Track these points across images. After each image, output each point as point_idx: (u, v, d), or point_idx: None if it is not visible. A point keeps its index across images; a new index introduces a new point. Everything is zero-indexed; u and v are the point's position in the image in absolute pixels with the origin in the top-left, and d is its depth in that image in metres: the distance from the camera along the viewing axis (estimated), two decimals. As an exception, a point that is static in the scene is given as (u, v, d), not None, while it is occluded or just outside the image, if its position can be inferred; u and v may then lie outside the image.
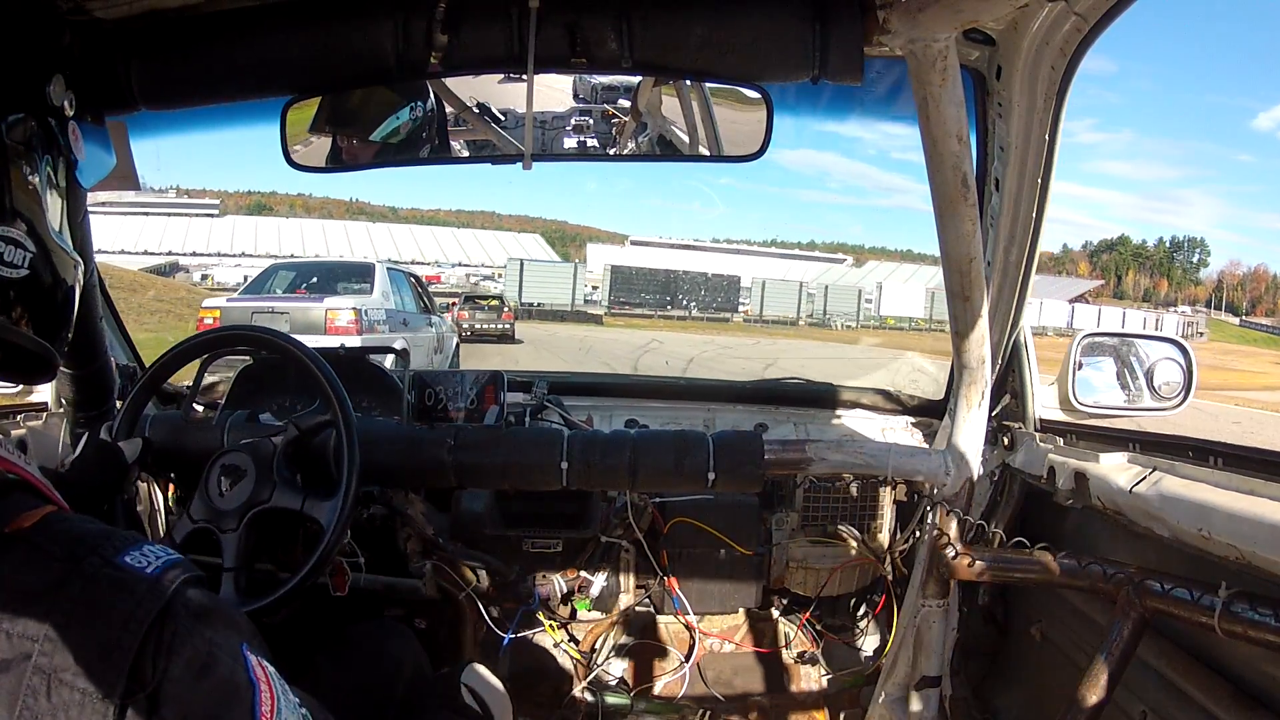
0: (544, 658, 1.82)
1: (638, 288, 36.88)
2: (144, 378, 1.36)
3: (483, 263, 58.12)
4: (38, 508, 0.57)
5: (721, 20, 0.99)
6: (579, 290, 35.14)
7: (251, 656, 0.59)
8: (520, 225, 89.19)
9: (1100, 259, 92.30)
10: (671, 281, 37.63)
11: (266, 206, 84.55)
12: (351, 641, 1.21)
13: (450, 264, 58.46)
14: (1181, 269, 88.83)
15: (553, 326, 27.67)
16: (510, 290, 32.87)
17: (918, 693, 1.63)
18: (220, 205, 71.77)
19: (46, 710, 0.51)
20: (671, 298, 36.57)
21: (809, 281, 43.61)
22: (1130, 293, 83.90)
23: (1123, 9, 1.05)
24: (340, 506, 1.22)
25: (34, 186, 0.65)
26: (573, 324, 29.67)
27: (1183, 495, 1.08)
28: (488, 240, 70.91)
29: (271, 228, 66.66)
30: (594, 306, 35.51)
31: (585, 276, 37.90)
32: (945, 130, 1.09)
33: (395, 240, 69.00)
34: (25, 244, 0.63)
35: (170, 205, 67.08)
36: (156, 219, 63.19)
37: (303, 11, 1.01)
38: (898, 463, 1.51)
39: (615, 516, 1.72)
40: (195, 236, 61.48)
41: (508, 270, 36.60)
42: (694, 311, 35.89)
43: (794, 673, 1.96)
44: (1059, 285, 66.74)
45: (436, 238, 72.02)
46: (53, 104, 0.69)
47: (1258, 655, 1.00)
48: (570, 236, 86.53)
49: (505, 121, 1.19)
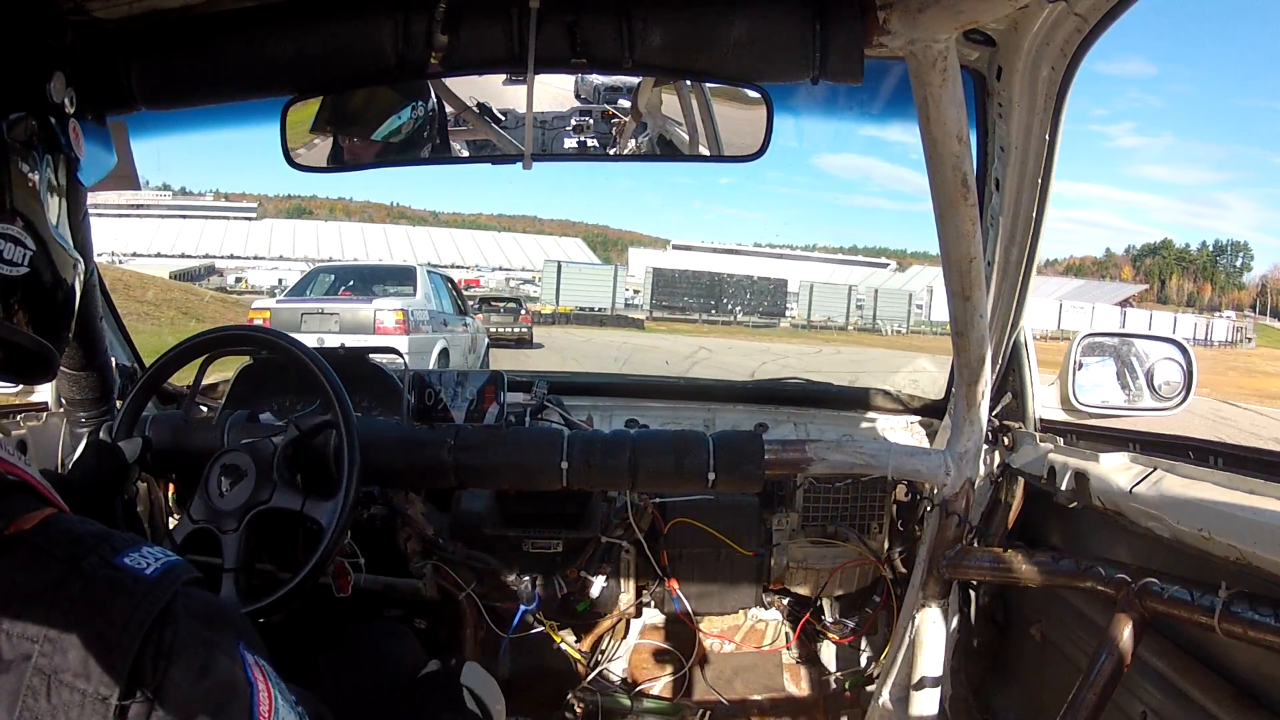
0: (544, 658, 1.83)
1: (680, 291, 35.29)
2: (144, 378, 1.36)
3: (523, 266, 57.71)
4: (38, 510, 0.57)
5: (721, 20, 0.99)
6: (619, 294, 33.74)
7: (249, 656, 0.59)
8: (562, 229, 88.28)
9: (1143, 263, 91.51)
10: (715, 284, 35.93)
11: (306, 210, 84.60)
12: (351, 642, 1.21)
13: (490, 268, 58.31)
14: (1225, 273, 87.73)
15: (590, 331, 26.09)
16: (547, 294, 31.98)
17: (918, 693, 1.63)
18: (258, 209, 71.93)
19: (46, 711, 0.51)
20: (715, 302, 34.99)
21: (857, 285, 41.83)
22: (1174, 297, 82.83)
23: (1123, 9, 1.05)
24: (340, 507, 1.21)
25: (34, 184, 0.65)
26: (612, 328, 28.24)
27: (1183, 495, 1.08)
28: (528, 244, 70.20)
29: (310, 231, 66.63)
30: (635, 311, 34.09)
31: (626, 280, 36.39)
32: (945, 130, 1.09)
33: (435, 244, 68.76)
34: (25, 242, 0.63)
35: (207, 208, 67.50)
36: (194, 222, 63.56)
37: (303, 11, 1.01)
38: (898, 463, 1.51)
39: (615, 517, 1.72)
40: (233, 239, 61.49)
41: (544, 273, 35.16)
42: (739, 316, 34.41)
43: (794, 673, 1.96)
44: (1103, 290, 66.07)
45: (477, 241, 71.56)
46: (53, 102, 0.69)
47: (1258, 655, 1.00)
48: (612, 241, 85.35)
49: (505, 121, 1.19)
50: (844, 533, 1.86)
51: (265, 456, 1.25)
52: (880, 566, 1.84)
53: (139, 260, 48.68)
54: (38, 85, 0.68)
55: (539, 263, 41.61)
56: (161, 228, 60.55)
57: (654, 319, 32.74)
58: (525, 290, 38.77)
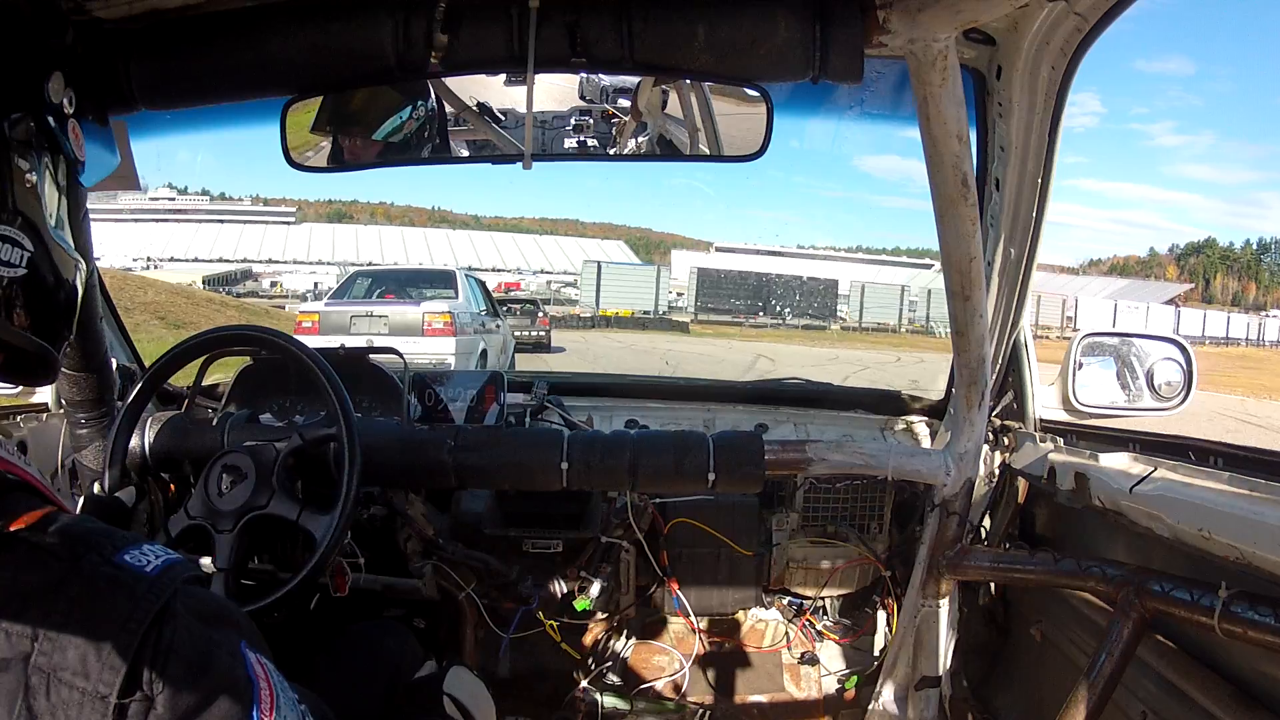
0: (544, 658, 1.82)
1: (726, 292, 33.43)
2: (144, 378, 1.36)
3: (565, 269, 57.00)
4: (38, 508, 0.57)
5: (721, 20, 0.99)
6: (663, 296, 31.81)
7: (251, 654, 0.59)
8: (604, 232, 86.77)
9: (1187, 262, 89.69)
10: (763, 285, 33.93)
11: (346, 215, 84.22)
12: (350, 642, 1.21)
13: (532, 271, 57.98)
14: (1269, 271, 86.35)
15: (631, 336, 24.25)
16: (587, 296, 30.73)
17: (918, 693, 1.63)
18: (297, 213, 71.78)
19: (46, 709, 0.51)
20: (763, 303, 33.09)
21: (908, 285, 39.55)
22: (1218, 296, 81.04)
23: (1123, 9, 1.05)
24: (336, 523, 1.21)
25: (33, 185, 0.65)
26: (655, 332, 26.57)
27: (1183, 495, 1.08)
28: (570, 247, 69.22)
29: (349, 235, 66.64)
30: (679, 313, 32.41)
31: (669, 282, 34.31)
32: (945, 130, 1.09)
33: (476, 248, 68.34)
34: (24, 243, 0.63)
35: (245, 213, 67.78)
36: (232, 226, 63.79)
37: (303, 11, 1.01)
38: (898, 463, 1.51)
39: (615, 517, 1.72)
40: (271, 244, 61.55)
41: (584, 274, 33.45)
42: (788, 318, 32.64)
43: (794, 673, 1.96)
44: (1148, 289, 65.06)
45: (518, 245, 70.96)
46: (51, 101, 0.69)
47: (1258, 655, 1.00)
48: (655, 243, 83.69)
49: (505, 121, 1.19)
50: (844, 533, 1.86)
51: (267, 461, 1.25)
52: (880, 566, 1.84)
53: (175, 264, 49.36)
54: (37, 85, 0.68)
55: (578, 265, 40.17)
56: (199, 232, 61.13)
57: (699, 322, 31.17)
58: (566, 293, 37.55)
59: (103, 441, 1.37)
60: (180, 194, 67.33)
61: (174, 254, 54.19)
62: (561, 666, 1.82)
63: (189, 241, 58.34)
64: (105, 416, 1.41)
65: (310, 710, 0.65)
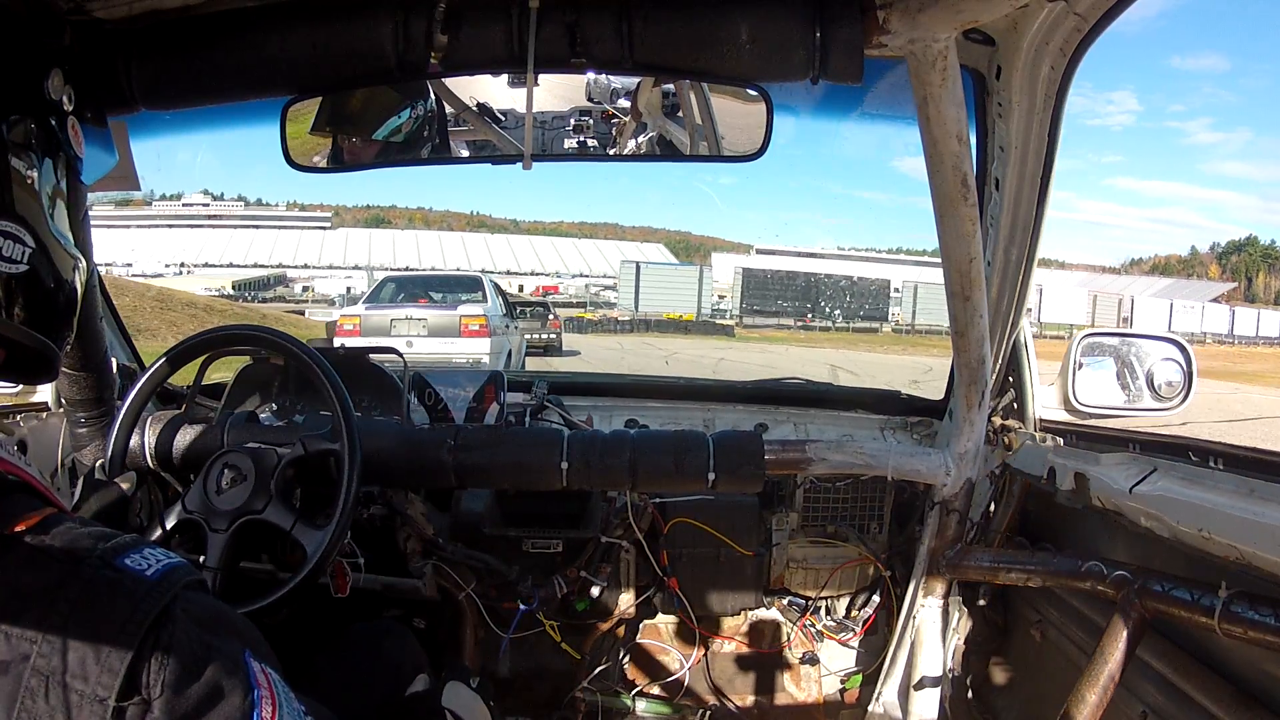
0: (544, 658, 1.82)
1: (774, 293, 31.72)
2: (144, 377, 1.36)
3: (604, 273, 56.93)
4: (38, 510, 0.57)
5: (721, 20, 0.99)
6: (706, 297, 30.41)
7: (255, 663, 0.59)
8: (643, 235, 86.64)
9: (1229, 261, 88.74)
10: (811, 286, 32.29)
11: (384, 220, 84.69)
12: (350, 642, 1.21)
13: (570, 274, 58.01)
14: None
15: (674, 341, 22.63)
16: (625, 299, 29.54)
17: (918, 693, 1.63)
18: (333, 218, 72.63)
19: (45, 712, 0.51)
20: (812, 305, 31.66)
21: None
22: (1261, 294, 79.89)
23: (1122, 9, 1.05)
24: (330, 535, 1.21)
25: (33, 182, 0.65)
26: (698, 337, 24.95)
27: (1183, 495, 1.08)
28: (609, 250, 69.06)
29: (386, 240, 66.88)
30: (722, 316, 30.91)
31: (711, 285, 32.87)
32: (945, 130, 1.09)
33: (514, 251, 68.49)
34: (24, 239, 0.63)
35: (281, 218, 68.44)
36: (268, 232, 64.49)
37: (302, 11, 1.01)
38: (898, 463, 1.51)
39: (615, 517, 1.72)
40: (307, 249, 62.09)
41: (622, 275, 32.08)
42: (839, 320, 31.28)
43: (794, 673, 1.96)
44: (1192, 288, 64.34)
45: (557, 249, 71.09)
46: (51, 99, 0.69)
47: (1258, 655, 1.00)
48: (694, 246, 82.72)
49: (505, 121, 1.19)
50: (844, 533, 1.86)
51: (268, 466, 1.25)
52: (880, 566, 1.84)
53: (209, 270, 50.00)
54: (35, 84, 0.68)
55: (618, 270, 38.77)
56: (234, 238, 61.77)
57: (745, 325, 29.37)
58: (605, 296, 36.31)
59: (102, 441, 1.37)
60: (215, 200, 67.86)
61: (208, 259, 54.95)
62: (561, 666, 1.82)
63: (224, 247, 59.07)
64: (105, 416, 1.41)
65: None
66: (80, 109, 0.72)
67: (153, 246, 54.57)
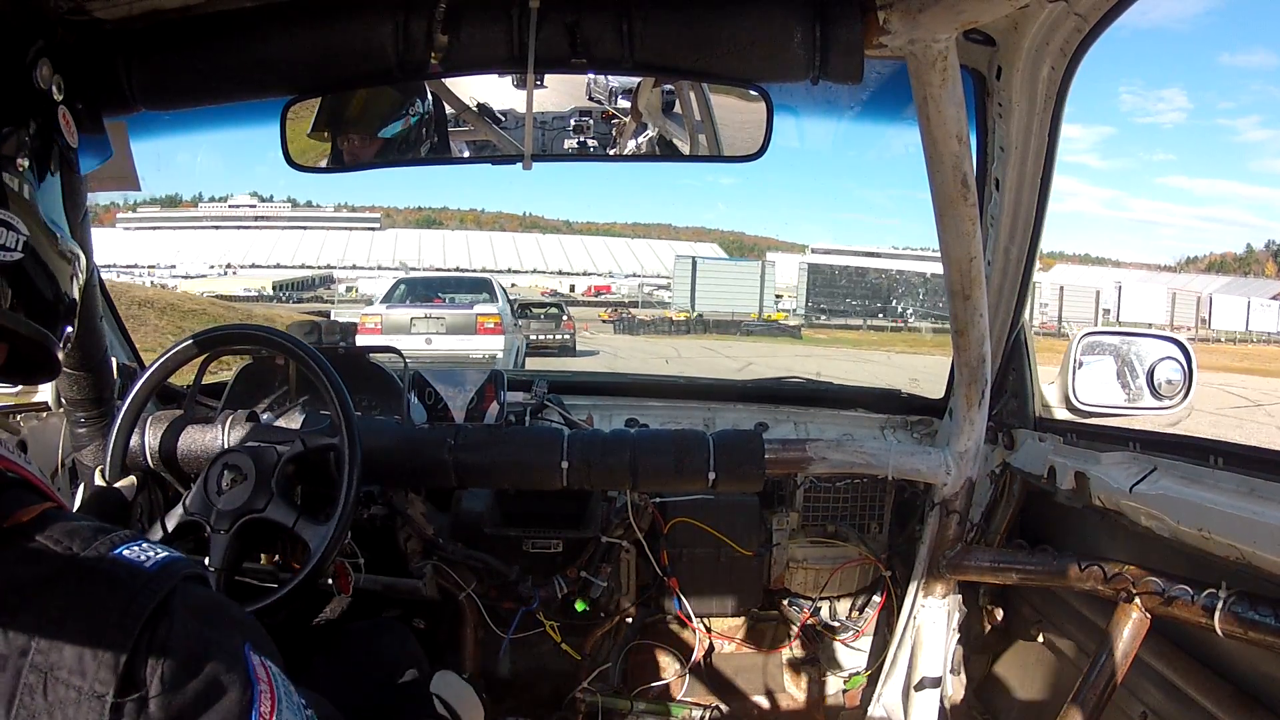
0: (544, 658, 1.82)
1: (842, 291, 29.53)
2: (144, 377, 1.36)
3: (657, 273, 56.39)
4: (36, 505, 0.57)
5: (721, 20, 0.99)
6: (768, 296, 28.05)
7: (254, 656, 0.58)
8: (697, 236, 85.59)
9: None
10: (883, 283, 30.17)
11: (436, 221, 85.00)
12: (350, 641, 1.21)
13: (623, 274, 57.75)
14: None
15: (733, 345, 20.85)
16: (680, 298, 27.60)
17: (918, 693, 1.63)
18: (382, 219, 72.97)
19: (43, 708, 0.51)
20: (883, 303, 29.63)
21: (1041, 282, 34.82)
22: None
23: (1123, 9, 1.06)
24: (332, 531, 1.20)
25: (24, 170, 0.65)
26: (762, 339, 22.90)
27: (1183, 495, 1.08)
28: (662, 250, 68.23)
29: (436, 241, 67.09)
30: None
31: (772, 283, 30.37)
32: (945, 130, 1.09)
33: (566, 251, 68.25)
34: (18, 227, 0.62)
35: (329, 219, 69.02)
36: (317, 233, 65.04)
37: (303, 11, 1.01)
38: (898, 462, 1.51)
39: (615, 516, 1.72)
40: (355, 250, 62.27)
41: (676, 271, 29.45)
42: (910, 320, 29.11)
43: (794, 673, 1.96)
44: (1250, 286, 62.65)
45: (610, 249, 70.87)
46: (40, 88, 0.69)
47: (1258, 655, 1.00)
48: (748, 246, 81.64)
49: (505, 122, 1.19)
50: (844, 532, 1.86)
51: (268, 465, 1.25)
52: (880, 566, 1.84)
53: (256, 271, 50.41)
54: (24, 72, 0.67)
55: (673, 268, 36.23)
56: (282, 239, 62.18)
57: (811, 326, 27.10)
58: (659, 296, 34.48)
59: (102, 441, 1.37)
60: (263, 201, 68.12)
61: (255, 260, 55.36)
62: (561, 667, 1.82)
63: (271, 248, 59.41)
64: (105, 416, 1.41)
65: (318, 715, 0.65)
66: (71, 99, 0.72)
67: (199, 248, 54.75)
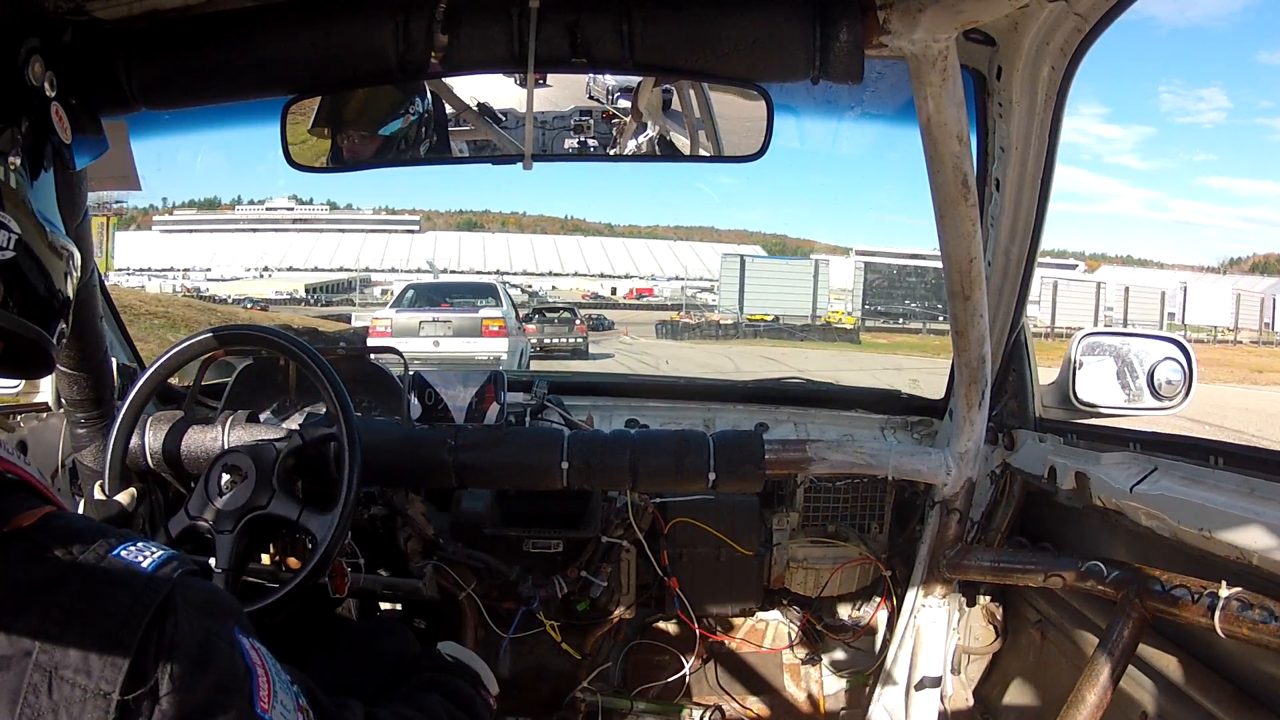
0: (544, 658, 1.82)
1: (901, 292, 27.84)
2: (144, 377, 1.36)
3: (700, 275, 56.20)
4: (37, 507, 0.58)
5: (722, 20, 0.99)
6: (821, 297, 26.36)
7: (246, 640, 0.60)
8: (739, 238, 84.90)
9: None
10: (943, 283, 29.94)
11: (477, 224, 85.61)
12: (349, 640, 1.21)
13: (666, 277, 57.75)
14: None
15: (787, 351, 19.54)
16: (727, 300, 26.26)
17: (918, 693, 1.63)
18: (422, 222, 73.37)
19: (48, 707, 0.51)
20: (943, 304, 29.21)
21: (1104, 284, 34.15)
22: None
23: (1122, 9, 1.06)
24: (336, 522, 1.21)
25: (16, 167, 0.65)
26: (818, 345, 21.36)
27: (1183, 495, 1.08)
28: (705, 252, 68.05)
29: (476, 244, 67.50)
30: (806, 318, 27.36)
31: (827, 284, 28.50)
32: (945, 130, 1.09)
33: (608, 254, 68.34)
34: (10, 225, 0.62)
35: (368, 222, 69.46)
36: (355, 236, 65.53)
37: (303, 11, 1.01)
38: (898, 462, 1.51)
39: (615, 516, 1.72)
40: (394, 252, 62.60)
41: (723, 272, 28.01)
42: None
43: (794, 673, 1.96)
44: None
45: (652, 251, 70.75)
46: (33, 85, 0.69)
47: (1258, 655, 1.00)
48: (791, 248, 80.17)
49: (505, 122, 1.19)
50: (844, 532, 1.86)
51: (267, 461, 1.25)
52: (880, 566, 1.84)
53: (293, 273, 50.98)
54: (16, 69, 0.67)
55: (716, 270, 33.88)
56: (320, 241, 62.64)
57: (869, 329, 25.44)
58: (702, 298, 32.94)
59: (103, 441, 1.37)
60: (301, 204, 68.34)
61: (292, 263, 55.86)
62: (561, 667, 1.82)
63: (309, 251, 59.89)
64: (105, 416, 1.41)
65: (302, 690, 0.66)
66: (64, 95, 0.72)
67: (235, 251, 54.81)
